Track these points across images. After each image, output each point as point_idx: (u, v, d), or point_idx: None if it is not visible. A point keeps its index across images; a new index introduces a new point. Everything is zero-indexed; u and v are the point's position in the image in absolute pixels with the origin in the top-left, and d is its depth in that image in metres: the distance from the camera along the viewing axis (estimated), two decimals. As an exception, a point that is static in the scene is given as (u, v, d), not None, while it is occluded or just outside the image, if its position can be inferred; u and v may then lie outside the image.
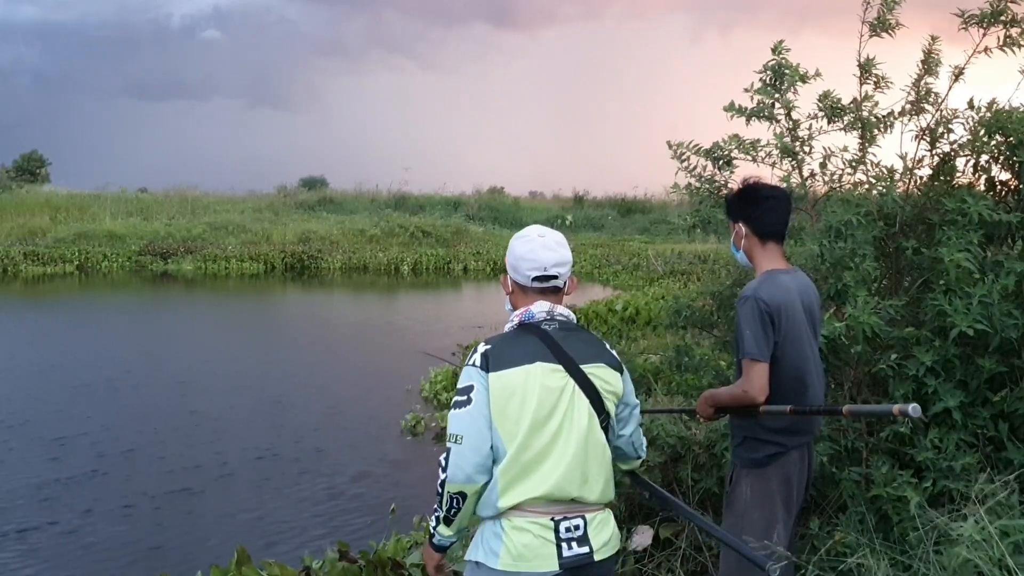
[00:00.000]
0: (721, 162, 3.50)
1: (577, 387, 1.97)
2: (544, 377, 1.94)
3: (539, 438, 1.92)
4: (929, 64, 3.32)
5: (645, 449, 2.25)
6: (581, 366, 1.98)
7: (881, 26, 3.34)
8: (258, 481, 6.02)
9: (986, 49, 3.22)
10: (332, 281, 19.72)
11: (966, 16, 3.20)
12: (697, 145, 3.56)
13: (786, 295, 2.44)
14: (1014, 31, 3.18)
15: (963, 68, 3.28)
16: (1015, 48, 3.18)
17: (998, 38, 3.20)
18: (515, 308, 2.09)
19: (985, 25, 3.19)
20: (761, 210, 2.56)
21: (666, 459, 3.58)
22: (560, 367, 1.96)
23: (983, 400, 3.01)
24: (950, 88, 3.29)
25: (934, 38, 3.31)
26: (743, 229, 2.59)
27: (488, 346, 1.99)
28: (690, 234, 3.82)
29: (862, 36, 3.38)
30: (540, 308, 2.04)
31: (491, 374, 1.93)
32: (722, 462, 3.37)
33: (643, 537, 3.26)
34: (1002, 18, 3.16)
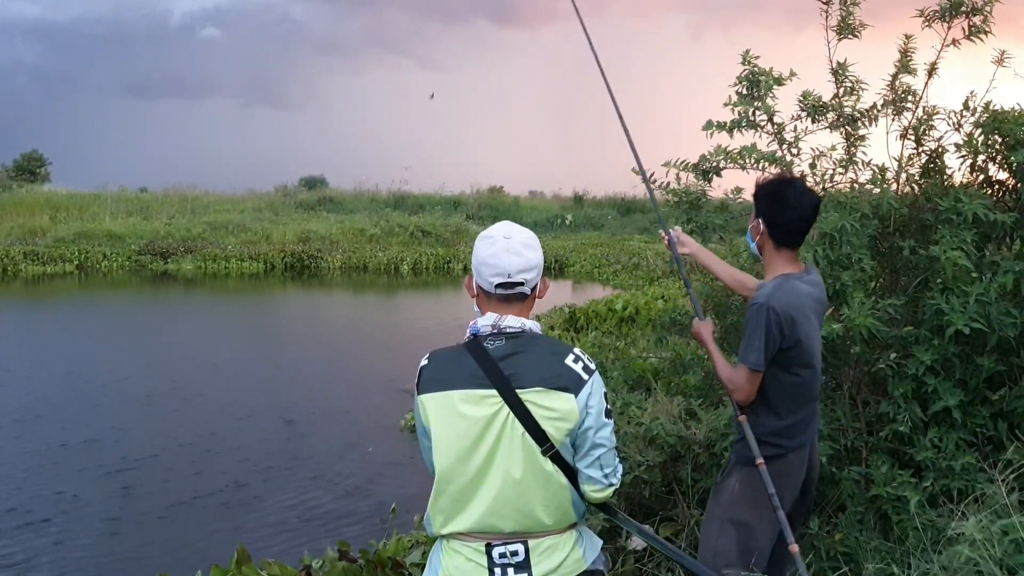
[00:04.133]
0: (710, 175, 3.50)
1: (512, 415, 1.78)
2: (469, 406, 1.79)
3: (463, 471, 1.80)
4: (905, 63, 3.33)
5: (619, 476, 1.93)
6: (518, 391, 1.78)
7: (846, 29, 3.35)
8: (258, 480, 6.02)
9: (954, 41, 3.24)
10: (332, 281, 19.71)
11: (926, 13, 3.22)
12: (685, 161, 3.55)
13: (799, 301, 2.43)
14: (977, 19, 3.19)
15: (935, 63, 3.29)
16: (981, 36, 3.19)
17: (962, 29, 3.21)
18: (480, 313, 1.90)
19: (948, 19, 3.20)
20: (785, 219, 2.49)
21: (666, 459, 3.58)
22: (494, 392, 1.78)
23: (982, 399, 3.02)
24: (926, 85, 3.30)
25: (908, 37, 3.32)
26: (761, 226, 2.52)
27: (426, 361, 1.89)
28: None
29: (829, 41, 3.39)
30: (486, 321, 1.85)
31: (419, 396, 1.85)
32: (721, 461, 3.37)
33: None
34: (962, 9, 3.18)
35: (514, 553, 1.82)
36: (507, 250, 1.85)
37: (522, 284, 1.86)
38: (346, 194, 33.07)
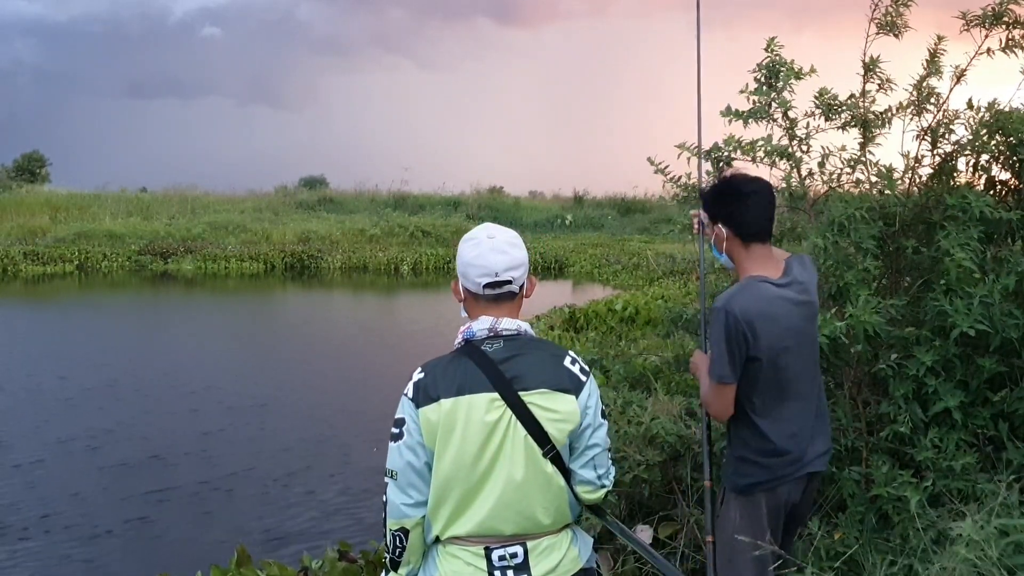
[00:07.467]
0: (720, 164, 3.48)
1: (515, 418, 1.78)
2: (476, 411, 1.78)
3: (469, 476, 1.79)
4: (934, 65, 3.31)
5: (611, 478, 1.96)
6: (521, 393, 1.78)
7: (889, 26, 3.33)
8: (258, 481, 6.02)
9: (988, 50, 3.22)
10: (332, 281, 19.72)
11: (968, 17, 3.19)
12: (696, 148, 3.53)
13: (766, 305, 2.22)
14: (1016, 33, 3.17)
15: (965, 69, 3.27)
16: (1018, 50, 3.17)
17: (1000, 40, 3.19)
18: (470, 316, 1.91)
19: (987, 26, 3.18)
20: (742, 208, 2.30)
21: (666, 458, 3.58)
22: (497, 395, 1.78)
23: (983, 400, 3.01)
24: (951, 89, 3.29)
25: (940, 38, 3.30)
26: (723, 231, 2.33)
27: (422, 374, 1.85)
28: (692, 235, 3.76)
29: (868, 35, 3.36)
30: (482, 325, 1.85)
31: (419, 409, 1.81)
32: (722, 461, 3.37)
33: (642, 536, 3.26)
34: (1004, 19, 3.16)
35: (513, 555, 1.82)
36: (492, 249, 1.86)
37: (510, 283, 1.86)
38: (346, 194, 33.07)
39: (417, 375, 1.86)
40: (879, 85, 3.36)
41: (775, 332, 2.24)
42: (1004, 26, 3.16)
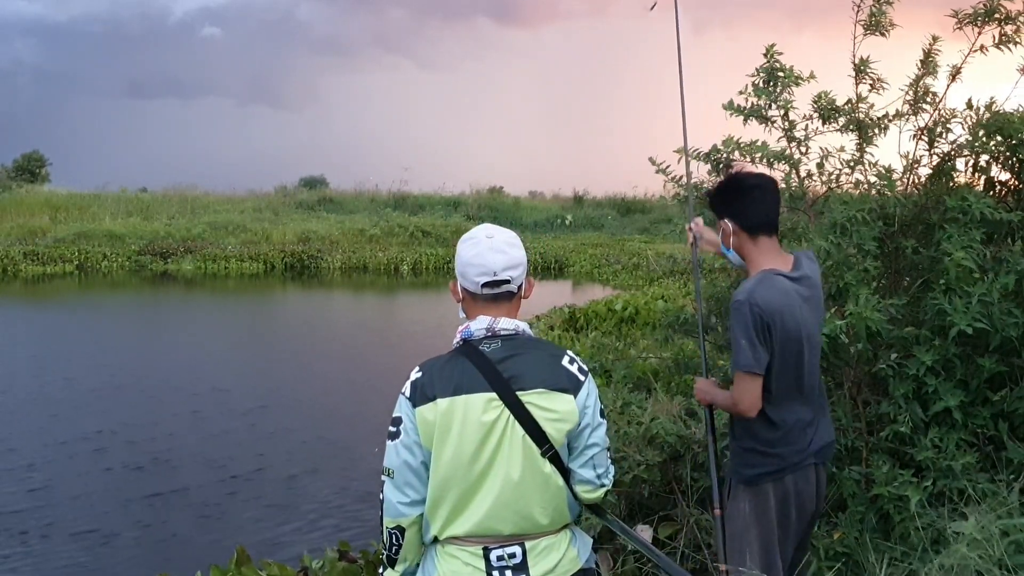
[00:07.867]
0: (720, 166, 3.48)
1: (512, 418, 1.78)
2: (473, 411, 1.77)
3: (466, 476, 1.79)
4: (929, 64, 3.30)
5: (611, 477, 1.95)
6: (519, 393, 1.78)
7: (874, 26, 3.33)
8: (258, 481, 6.02)
9: (982, 47, 3.22)
10: (332, 281, 19.72)
11: (960, 15, 3.20)
12: (696, 150, 3.53)
13: (784, 298, 2.27)
14: (1009, 28, 3.17)
15: (960, 67, 3.27)
16: (1011, 46, 3.18)
17: (993, 36, 3.20)
18: (468, 316, 1.91)
19: (980, 24, 3.18)
20: (747, 201, 2.37)
21: (666, 458, 3.58)
22: (495, 395, 1.78)
23: (983, 399, 3.01)
24: (947, 88, 3.29)
25: (935, 38, 3.30)
26: (730, 226, 2.40)
27: (419, 373, 1.85)
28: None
29: (856, 36, 3.37)
30: (479, 324, 1.84)
31: (416, 408, 1.80)
32: (722, 460, 3.37)
33: (642, 536, 3.26)
34: (996, 16, 3.16)
35: (511, 555, 1.81)
36: (491, 249, 1.85)
37: (508, 282, 1.86)
38: (346, 194, 33.06)
39: (415, 374, 1.86)
40: (871, 85, 3.36)
41: (792, 324, 2.29)
42: (996, 22, 3.17)
